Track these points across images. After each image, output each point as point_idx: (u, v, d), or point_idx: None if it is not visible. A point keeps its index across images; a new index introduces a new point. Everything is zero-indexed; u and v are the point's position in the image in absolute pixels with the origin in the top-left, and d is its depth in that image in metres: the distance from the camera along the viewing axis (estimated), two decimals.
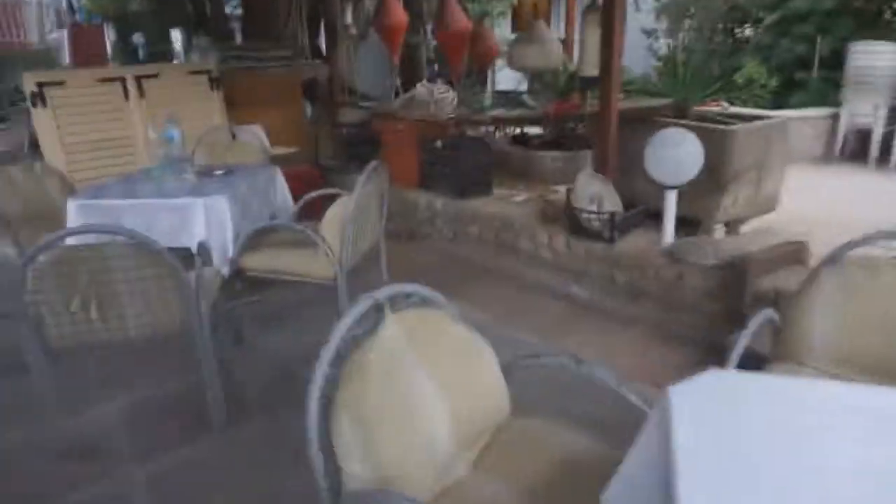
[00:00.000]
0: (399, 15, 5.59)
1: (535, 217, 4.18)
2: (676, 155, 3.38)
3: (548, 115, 4.58)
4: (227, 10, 9.23)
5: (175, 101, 4.72)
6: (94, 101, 4.45)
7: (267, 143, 4.48)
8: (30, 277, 2.04)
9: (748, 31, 7.81)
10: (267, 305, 3.46)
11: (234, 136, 4.99)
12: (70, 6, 15.52)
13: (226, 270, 2.89)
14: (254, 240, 2.92)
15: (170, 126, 3.22)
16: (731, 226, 4.18)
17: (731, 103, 5.03)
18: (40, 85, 4.21)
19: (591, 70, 4.19)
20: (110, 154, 4.44)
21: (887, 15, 7.20)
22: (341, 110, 5.64)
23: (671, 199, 3.51)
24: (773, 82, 7.54)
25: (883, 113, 6.04)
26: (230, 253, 2.88)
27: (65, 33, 13.67)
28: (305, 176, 5.23)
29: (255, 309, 3.30)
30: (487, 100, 5.12)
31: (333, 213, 2.82)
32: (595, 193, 3.79)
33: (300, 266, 2.89)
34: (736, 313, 3.07)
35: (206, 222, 2.82)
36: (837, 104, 6.68)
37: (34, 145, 4.64)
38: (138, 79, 4.60)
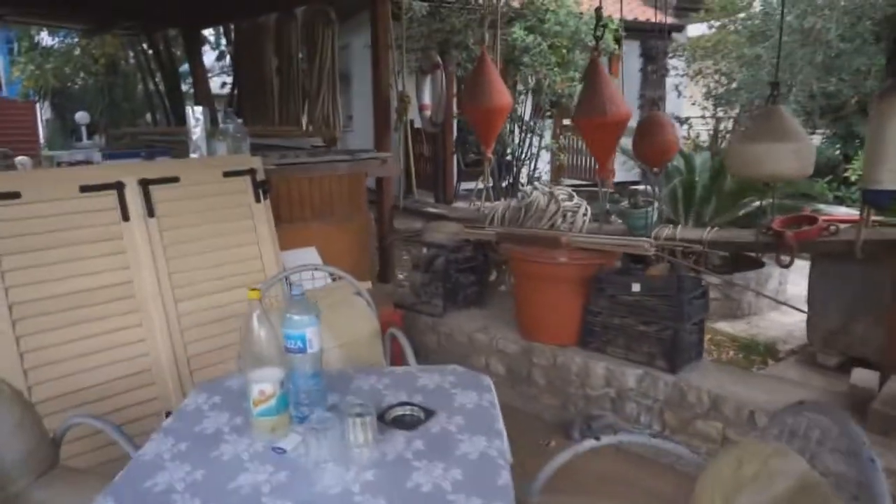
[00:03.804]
0: (505, 94, 4.05)
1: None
2: None
3: (787, 241, 3.04)
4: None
5: (203, 222, 2.91)
6: (71, 224, 2.57)
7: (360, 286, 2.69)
8: None
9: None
10: None
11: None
12: None
13: None
14: None
15: (303, 315, 1.44)
16: None
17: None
18: None
19: (891, 181, 2.71)
20: (95, 316, 2.53)
21: None
22: (431, 225, 3.93)
23: None
24: None
25: None
26: None
27: None
28: (385, 322, 3.43)
29: None
30: (653, 213, 3.57)
31: None
32: None
33: None
34: None
35: None
36: None
37: None
38: (145, 185, 2.77)
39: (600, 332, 3.15)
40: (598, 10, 3.53)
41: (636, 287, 2.93)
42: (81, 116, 7.76)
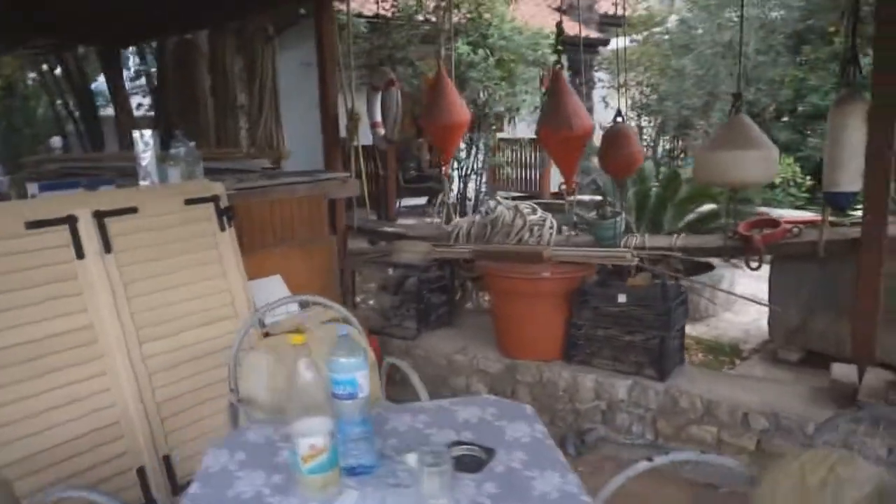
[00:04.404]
0: (463, 110, 4.02)
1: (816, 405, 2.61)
2: None
3: (755, 244, 3.16)
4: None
5: (166, 255, 2.67)
6: (17, 265, 2.28)
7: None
8: None
9: None
10: None
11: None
12: None
13: None
14: None
15: (351, 358, 1.32)
16: None
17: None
18: None
19: (848, 183, 2.87)
20: (52, 368, 2.26)
21: None
22: (399, 245, 3.80)
23: None
24: (808, 181, 6.95)
25: None
26: None
27: None
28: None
29: None
30: (621, 224, 3.63)
31: None
32: None
33: None
34: None
35: None
36: None
37: None
38: (100, 218, 2.51)
39: (584, 345, 3.14)
40: (559, 24, 3.57)
41: (622, 298, 2.93)
42: None
